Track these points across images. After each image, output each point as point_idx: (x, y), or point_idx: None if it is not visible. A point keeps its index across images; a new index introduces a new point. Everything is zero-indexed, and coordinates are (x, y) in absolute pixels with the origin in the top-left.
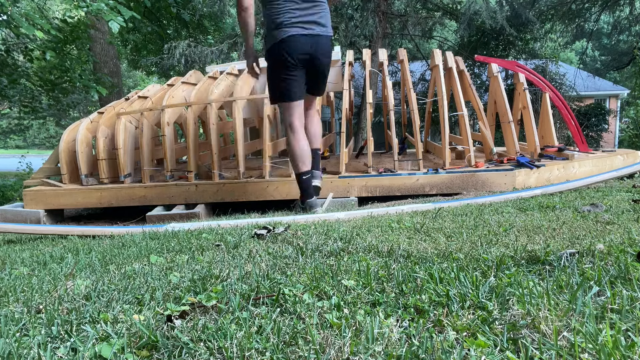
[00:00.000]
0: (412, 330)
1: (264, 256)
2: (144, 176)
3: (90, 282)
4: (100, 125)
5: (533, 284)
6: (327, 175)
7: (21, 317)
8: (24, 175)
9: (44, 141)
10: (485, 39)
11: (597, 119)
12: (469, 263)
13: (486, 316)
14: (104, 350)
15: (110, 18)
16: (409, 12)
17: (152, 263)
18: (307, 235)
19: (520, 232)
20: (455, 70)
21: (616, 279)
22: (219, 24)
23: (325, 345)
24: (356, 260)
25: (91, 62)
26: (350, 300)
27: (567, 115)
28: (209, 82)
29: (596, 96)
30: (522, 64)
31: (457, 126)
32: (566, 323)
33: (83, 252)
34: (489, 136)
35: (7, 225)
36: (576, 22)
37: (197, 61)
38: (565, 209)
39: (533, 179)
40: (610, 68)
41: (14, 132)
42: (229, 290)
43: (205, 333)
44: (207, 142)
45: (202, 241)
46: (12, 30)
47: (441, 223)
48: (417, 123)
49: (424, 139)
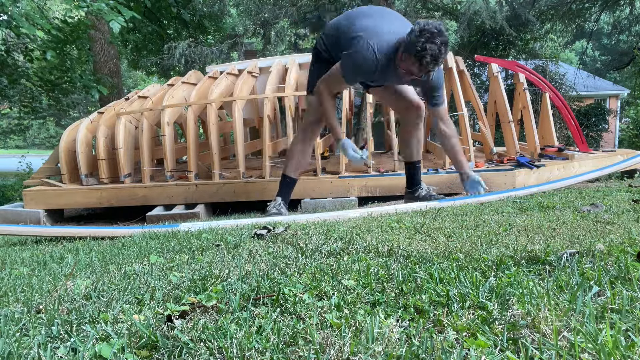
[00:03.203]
0: (412, 330)
1: (264, 256)
2: (144, 176)
3: (90, 282)
4: (100, 125)
5: (533, 284)
6: (327, 175)
7: (21, 317)
8: (24, 175)
9: (44, 141)
10: (485, 39)
11: (597, 119)
12: (469, 263)
13: (486, 316)
14: (104, 350)
15: (111, 18)
16: (409, 12)
17: (152, 263)
18: (307, 235)
19: (520, 232)
20: (455, 70)
21: (616, 279)
22: (219, 24)
23: (325, 345)
24: (356, 260)
25: (91, 62)
26: (350, 300)
27: (567, 115)
28: (209, 82)
29: (596, 96)
30: (522, 64)
31: (457, 126)
32: (566, 323)
33: (83, 252)
34: (489, 136)
35: (9, 227)
36: (576, 22)
37: (197, 61)
38: (565, 208)
39: (533, 179)
40: (610, 68)
41: (14, 132)
42: (229, 290)
43: (205, 333)
44: (207, 142)
45: (202, 241)
46: (12, 30)
47: (441, 223)
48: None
49: (424, 139)
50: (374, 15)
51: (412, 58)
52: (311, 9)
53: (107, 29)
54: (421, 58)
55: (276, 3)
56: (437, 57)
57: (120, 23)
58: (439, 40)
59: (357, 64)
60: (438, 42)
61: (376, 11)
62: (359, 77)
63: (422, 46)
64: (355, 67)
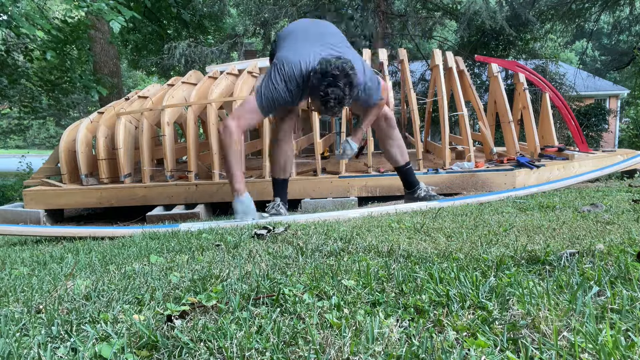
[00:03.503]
0: (412, 330)
1: (264, 256)
2: (144, 176)
3: (90, 282)
4: (100, 125)
5: (533, 284)
6: (327, 175)
7: (21, 317)
8: (24, 175)
9: (44, 141)
10: (485, 39)
11: (597, 119)
12: (469, 263)
13: (486, 316)
14: (104, 350)
15: (111, 18)
16: (409, 12)
17: (152, 263)
18: (307, 235)
19: (520, 232)
20: (455, 70)
21: (616, 279)
22: (219, 24)
23: (325, 345)
24: (356, 260)
25: (91, 62)
26: (350, 300)
27: (567, 115)
28: (209, 82)
29: (596, 96)
30: (522, 64)
31: (457, 126)
32: (566, 323)
33: (83, 252)
34: (489, 136)
35: (9, 227)
36: (576, 22)
37: (197, 61)
38: (565, 208)
39: (533, 179)
40: (610, 68)
41: (14, 132)
42: (229, 290)
43: (205, 333)
44: (207, 142)
45: (202, 241)
46: (12, 30)
47: (441, 223)
48: (417, 123)
49: (424, 139)
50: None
51: (317, 101)
52: (311, 9)
53: (107, 29)
54: (325, 103)
55: (276, 3)
56: (341, 100)
57: (121, 23)
58: (342, 83)
59: (269, 92)
60: (341, 84)
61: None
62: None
63: (325, 91)
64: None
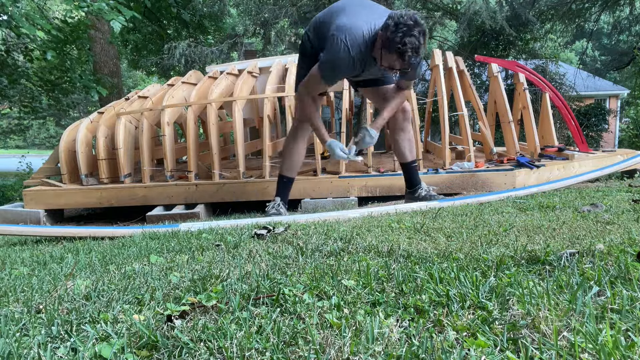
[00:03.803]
0: (412, 330)
1: (264, 256)
2: (144, 176)
3: (90, 282)
4: (100, 125)
5: (533, 284)
6: (327, 175)
7: (21, 317)
8: (24, 175)
9: (44, 141)
10: (485, 39)
11: (597, 119)
12: (469, 263)
13: (486, 316)
14: (104, 350)
15: (111, 18)
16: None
17: (152, 263)
18: (307, 235)
19: (520, 232)
20: (455, 70)
21: (616, 279)
22: (219, 24)
23: (325, 345)
24: (356, 260)
25: (91, 62)
26: (350, 300)
27: (567, 115)
28: (209, 82)
29: (596, 96)
30: (522, 64)
31: (457, 126)
32: (566, 323)
33: (83, 252)
34: (489, 136)
35: (9, 227)
36: (576, 22)
37: (197, 61)
38: (565, 208)
39: (533, 179)
40: (610, 68)
41: (14, 132)
42: (229, 290)
43: (205, 333)
44: (207, 142)
45: (202, 241)
46: (12, 30)
47: (441, 223)
48: (417, 123)
49: (424, 138)
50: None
51: (393, 55)
52: (311, 9)
53: (107, 29)
54: (402, 54)
55: (276, 3)
56: (418, 48)
57: (121, 22)
58: (416, 31)
59: (332, 63)
60: (416, 33)
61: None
62: (336, 77)
63: (402, 41)
64: (331, 67)
